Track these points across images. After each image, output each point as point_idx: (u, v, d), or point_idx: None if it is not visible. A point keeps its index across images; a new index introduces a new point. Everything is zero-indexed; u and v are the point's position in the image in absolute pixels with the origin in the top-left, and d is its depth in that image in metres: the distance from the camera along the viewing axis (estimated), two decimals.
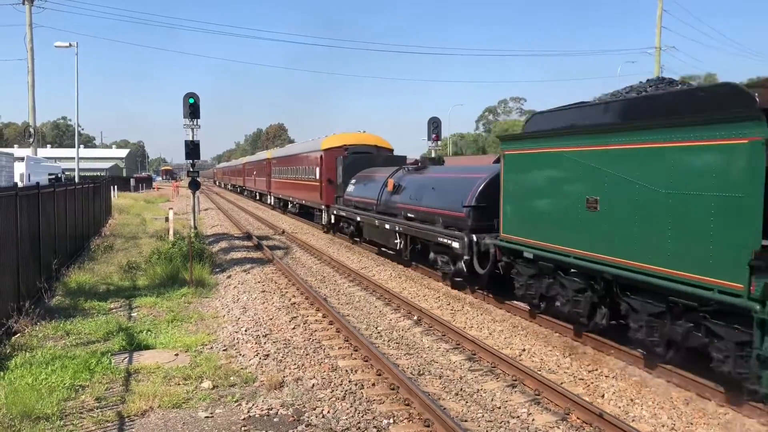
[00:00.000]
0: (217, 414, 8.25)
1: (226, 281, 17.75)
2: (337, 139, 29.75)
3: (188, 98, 22.46)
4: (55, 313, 13.23)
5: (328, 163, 28.45)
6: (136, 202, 53.35)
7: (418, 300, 15.11)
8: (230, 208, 52.39)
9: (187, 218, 31.55)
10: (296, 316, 13.60)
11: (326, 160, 28.73)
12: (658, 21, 30.67)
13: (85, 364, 9.72)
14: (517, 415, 8.28)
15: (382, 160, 26.51)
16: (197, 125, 22.69)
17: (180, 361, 10.32)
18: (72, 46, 34.68)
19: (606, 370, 9.97)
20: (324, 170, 28.94)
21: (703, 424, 7.94)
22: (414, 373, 9.90)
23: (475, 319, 13.40)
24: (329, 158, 28.51)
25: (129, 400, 8.51)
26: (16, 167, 32.58)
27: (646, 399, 8.77)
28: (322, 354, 10.84)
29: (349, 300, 15.47)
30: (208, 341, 11.55)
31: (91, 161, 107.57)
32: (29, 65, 29.74)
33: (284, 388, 9.17)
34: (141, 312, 13.83)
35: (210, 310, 14.24)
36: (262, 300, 15.19)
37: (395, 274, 19.03)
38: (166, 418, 8.07)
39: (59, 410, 8.08)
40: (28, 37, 29.47)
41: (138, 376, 9.60)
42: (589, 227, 10.28)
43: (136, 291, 15.90)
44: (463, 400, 8.84)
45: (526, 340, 11.79)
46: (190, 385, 9.23)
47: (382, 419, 8.07)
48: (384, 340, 11.88)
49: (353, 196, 24.72)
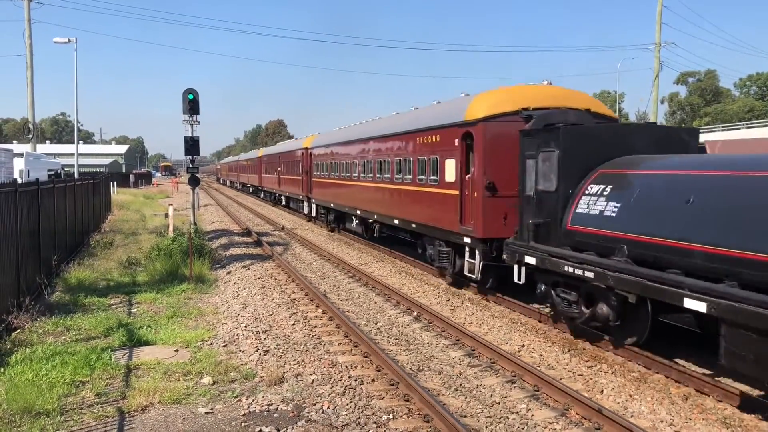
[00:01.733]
0: (218, 409, 8.27)
1: (226, 277, 17.76)
2: (496, 99, 14.67)
3: (187, 94, 22.39)
4: (55, 309, 13.24)
5: (487, 148, 14.06)
6: (136, 198, 53.36)
7: (418, 296, 15.12)
8: (230, 204, 52.37)
9: (186, 214, 31.53)
10: (296, 312, 13.61)
11: (483, 142, 14.10)
12: (658, 17, 30.62)
13: (86, 359, 9.73)
14: (516, 411, 8.30)
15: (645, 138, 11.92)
16: (196, 121, 22.65)
17: (180, 356, 10.34)
18: (71, 41, 34.60)
19: (605, 366, 10.00)
20: (481, 162, 14.16)
21: (701, 420, 7.97)
22: (413, 368, 9.92)
23: (475, 315, 13.41)
24: (486, 137, 14.08)
25: (129, 395, 8.53)
26: (15, 163, 32.51)
27: (645, 395, 8.79)
28: (322, 350, 10.86)
29: (349, 296, 15.48)
30: (208, 337, 11.56)
31: (90, 157, 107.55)
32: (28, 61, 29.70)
33: (284, 384, 9.19)
34: (141, 308, 13.85)
35: (210, 306, 14.25)
36: (261, 296, 15.20)
37: (395, 270, 19.03)
38: (166, 414, 8.09)
39: (59, 406, 8.10)
40: (26, 32, 29.45)
41: (138, 371, 9.61)
42: None
43: (135, 287, 15.91)
44: (462, 395, 8.86)
45: (526, 336, 11.81)
46: (190, 380, 9.25)
47: (381, 414, 8.09)
48: (384, 336, 11.90)
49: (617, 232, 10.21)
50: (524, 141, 12.72)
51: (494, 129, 14.03)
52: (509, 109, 14.12)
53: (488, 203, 13.95)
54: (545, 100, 14.41)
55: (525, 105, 14.03)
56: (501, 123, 14.01)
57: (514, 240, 12.82)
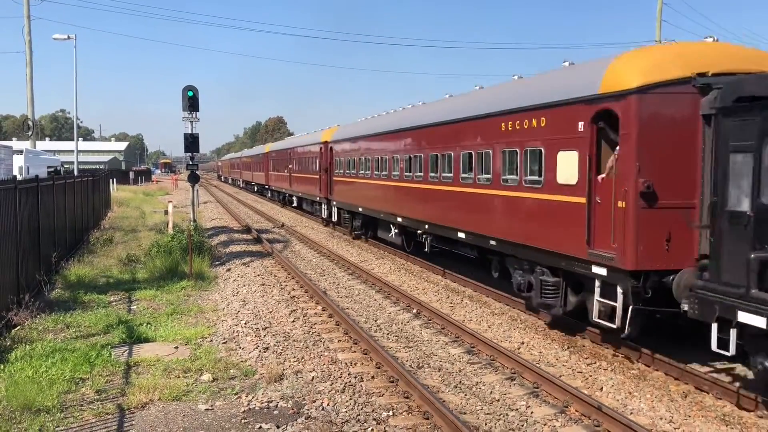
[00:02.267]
0: (217, 406, 8.28)
1: (226, 274, 17.77)
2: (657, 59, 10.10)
3: (187, 91, 22.40)
4: (54, 305, 13.25)
5: (644, 134, 9.44)
6: (135, 195, 53.32)
7: (418, 293, 15.13)
8: (229, 201, 52.37)
9: (186, 211, 31.54)
10: (296, 309, 13.62)
11: (639, 125, 9.46)
12: (658, 15, 30.59)
13: (85, 356, 9.74)
14: (516, 408, 8.31)
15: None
16: (196, 118, 22.64)
17: (180, 353, 10.34)
18: (70, 38, 34.54)
19: (605, 363, 10.00)
20: (634, 156, 9.50)
21: (700, 417, 7.98)
22: (413, 365, 9.93)
23: (474, 312, 13.42)
24: (642, 116, 9.46)
25: (129, 392, 8.53)
26: (14, 160, 32.46)
27: (645, 392, 8.80)
28: (322, 347, 10.87)
29: (349, 293, 15.48)
30: (207, 334, 11.57)
31: (90, 154, 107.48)
32: (27, 58, 29.61)
33: (284, 381, 9.20)
34: (141, 305, 13.85)
35: (209, 303, 14.26)
36: (261, 293, 15.21)
37: (395, 267, 19.03)
38: (166, 411, 8.10)
39: (59, 403, 8.10)
40: (26, 29, 29.33)
41: (138, 368, 9.62)
42: None
43: (135, 284, 15.92)
44: (462, 392, 8.87)
45: (525, 333, 11.82)
46: (190, 377, 9.25)
47: (381, 411, 8.10)
48: (383, 333, 11.90)
49: None
50: (727, 124, 8.29)
51: (654, 104, 9.46)
52: (678, 75, 9.55)
53: (644, 218, 9.35)
54: (734, 63, 9.88)
55: (700, 69, 9.56)
56: (663, 95, 9.51)
57: (706, 281, 8.41)
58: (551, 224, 11.30)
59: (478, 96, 15.63)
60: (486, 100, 14.53)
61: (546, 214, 11.50)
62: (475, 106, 14.76)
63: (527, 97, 12.43)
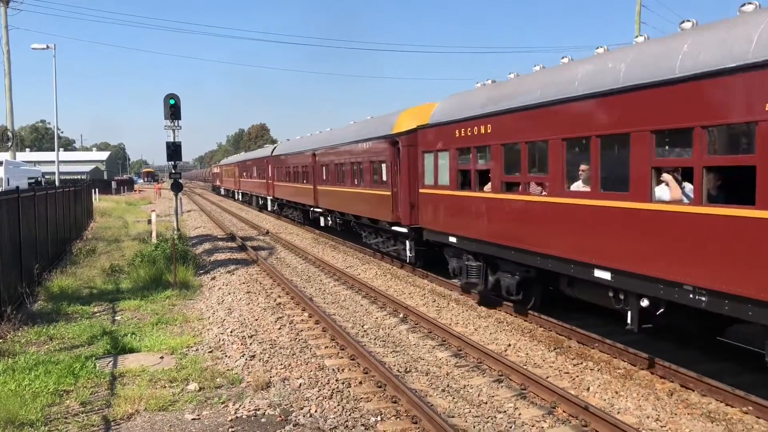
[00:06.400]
0: (204, 416, 8.22)
1: (211, 283, 17.65)
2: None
3: (169, 99, 22.29)
4: (37, 318, 13.09)
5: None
6: (118, 204, 52.91)
7: (404, 297, 15.12)
8: (213, 209, 52.07)
9: (169, 220, 31.28)
10: (282, 316, 13.56)
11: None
12: (637, 17, 30.94)
13: (69, 368, 9.62)
14: (504, 410, 8.33)
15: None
16: (178, 126, 22.52)
17: (165, 363, 10.26)
18: (50, 48, 34.26)
19: (591, 364, 10.06)
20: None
21: (686, 415, 8.04)
22: (401, 370, 9.92)
23: (461, 315, 13.44)
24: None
25: (115, 403, 8.44)
26: None
27: (631, 391, 8.86)
28: (309, 353, 10.83)
29: (335, 299, 15.45)
30: (193, 343, 11.48)
31: (71, 164, 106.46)
32: (6, 68, 29.32)
33: (271, 389, 9.15)
34: (125, 315, 13.72)
35: (195, 312, 14.15)
36: (247, 301, 15.13)
37: (380, 272, 19.03)
38: (152, 421, 8.02)
39: (44, 416, 7.99)
40: (4, 39, 29.04)
41: (123, 379, 9.52)
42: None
43: (119, 294, 15.77)
44: (450, 396, 8.88)
45: (512, 335, 11.86)
46: (176, 387, 9.18)
47: (369, 417, 8.08)
48: (370, 338, 11.88)
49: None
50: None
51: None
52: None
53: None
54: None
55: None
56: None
57: None
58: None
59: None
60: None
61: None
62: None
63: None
